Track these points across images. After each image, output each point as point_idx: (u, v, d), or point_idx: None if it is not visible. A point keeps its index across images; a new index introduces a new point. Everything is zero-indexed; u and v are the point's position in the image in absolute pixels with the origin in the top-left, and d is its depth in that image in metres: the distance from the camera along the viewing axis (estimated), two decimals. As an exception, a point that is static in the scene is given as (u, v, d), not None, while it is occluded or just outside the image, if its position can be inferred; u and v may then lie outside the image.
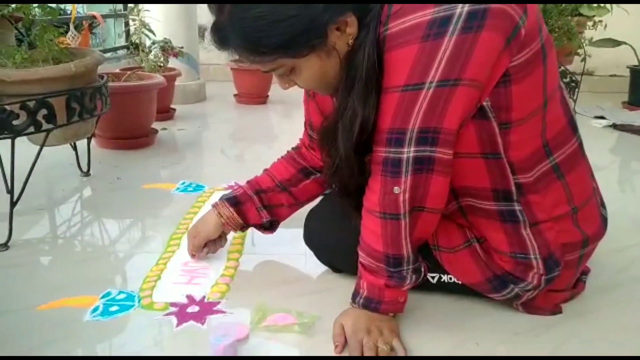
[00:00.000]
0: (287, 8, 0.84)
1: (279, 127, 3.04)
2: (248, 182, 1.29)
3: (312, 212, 1.26)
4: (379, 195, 0.93)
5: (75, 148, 1.93)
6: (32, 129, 1.43)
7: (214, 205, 1.27)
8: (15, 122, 1.39)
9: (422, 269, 1.02)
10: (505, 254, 1.01)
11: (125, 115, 2.25)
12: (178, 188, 1.85)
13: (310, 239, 1.26)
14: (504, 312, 1.11)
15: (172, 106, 2.97)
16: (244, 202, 1.25)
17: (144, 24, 2.97)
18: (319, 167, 1.24)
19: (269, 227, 1.31)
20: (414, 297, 1.10)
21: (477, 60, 0.83)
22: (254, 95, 3.35)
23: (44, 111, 1.44)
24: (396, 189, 0.90)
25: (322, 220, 1.23)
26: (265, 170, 1.31)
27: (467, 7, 0.82)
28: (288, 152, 1.32)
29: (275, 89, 2.99)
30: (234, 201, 1.25)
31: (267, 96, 3.43)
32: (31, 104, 1.41)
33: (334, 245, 1.21)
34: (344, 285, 1.18)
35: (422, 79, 0.85)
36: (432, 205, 0.94)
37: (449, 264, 1.08)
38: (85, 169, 1.97)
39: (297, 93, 1.20)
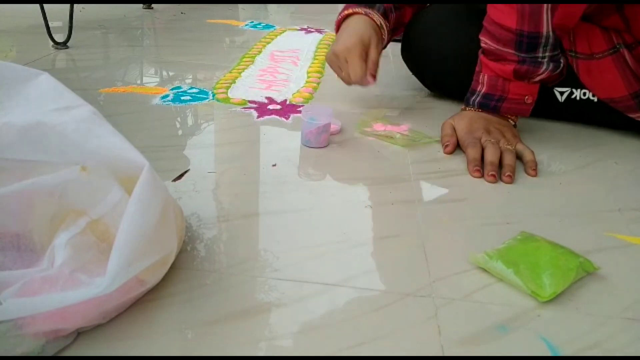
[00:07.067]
0: None
1: None
2: None
3: (413, 20, 1.06)
4: None
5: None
6: None
7: (366, 13, 0.93)
8: None
9: (562, 61, 0.82)
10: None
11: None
12: (247, 24, 1.68)
13: (408, 46, 1.06)
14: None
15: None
16: (387, 18, 0.97)
17: None
18: None
19: None
20: (533, 122, 0.93)
21: None
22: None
23: None
24: None
25: (424, 25, 1.03)
26: None
27: None
28: None
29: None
30: (383, 11, 0.95)
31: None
32: None
33: (436, 52, 1.00)
34: (444, 105, 1.02)
35: None
36: None
37: (587, 73, 0.88)
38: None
39: None
